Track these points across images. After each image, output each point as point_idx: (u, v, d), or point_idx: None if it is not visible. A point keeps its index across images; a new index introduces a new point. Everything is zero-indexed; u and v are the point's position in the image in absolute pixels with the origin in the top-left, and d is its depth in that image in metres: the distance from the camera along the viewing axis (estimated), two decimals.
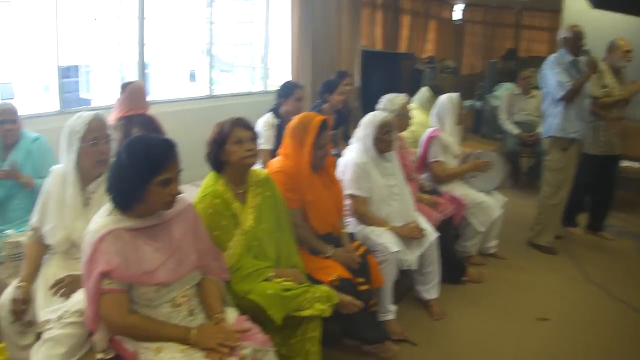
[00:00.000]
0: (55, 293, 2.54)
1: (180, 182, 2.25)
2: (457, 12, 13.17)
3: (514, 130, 6.56)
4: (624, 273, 4.62)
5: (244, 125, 2.71)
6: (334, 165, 3.31)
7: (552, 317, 3.79)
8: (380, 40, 9.98)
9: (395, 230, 3.47)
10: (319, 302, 2.62)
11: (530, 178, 6.71)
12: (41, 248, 2.72)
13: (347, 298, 2.81)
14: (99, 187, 2.67)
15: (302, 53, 6.47)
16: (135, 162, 2.12)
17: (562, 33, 4.66)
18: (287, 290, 2.59)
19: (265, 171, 2.97)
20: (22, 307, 2.53)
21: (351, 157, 3.57)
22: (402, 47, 10.91)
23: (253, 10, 6.99)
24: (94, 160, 2.66)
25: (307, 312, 2.60)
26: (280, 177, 3.05)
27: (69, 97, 15.11)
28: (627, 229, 5.63)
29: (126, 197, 2.15)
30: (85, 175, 2.68)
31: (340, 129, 5.06)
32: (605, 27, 6.07)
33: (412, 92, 5.59)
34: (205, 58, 6.08)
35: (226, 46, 7.22)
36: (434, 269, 3.72)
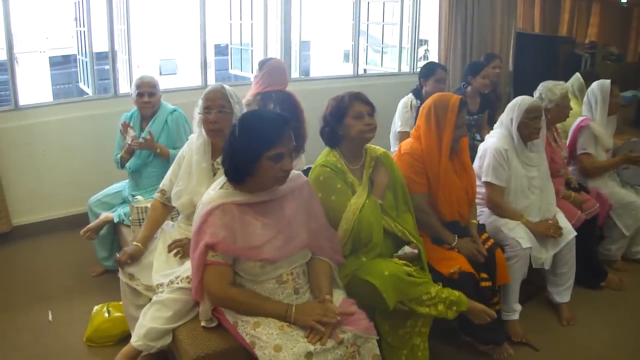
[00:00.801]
0: (170, 251, 2.65)
1: (294, 158, 2.23)
2: None
3: None
4: None
5: (363, 99, 2.67)
6: (467, 151, 3.15)
7: None
8: (539, 23, 9.44)
9: (530, 226, 3.28)
10: (443, 304, 2.53)
11: None
12: (165, 210, 2.85)
13: (479, 307, 2.66)
14: None
15: (451, 34, 6.25)
16: (248, 136, 2.13)
17: None
18: (408, 275, 2.51)
19: (383, 149, 2.87)
20: (126, 260, 2.67)
21: (492, 142, 3.38)
22: (562, 31, 10.26)
23: None
24: (207, 129, 2.70)
25: (426, 310, 2.51)
26: (407, 159, 2.97)
27: (221, 74, 15.85)
28: None
29: (238, 171, 2.16)
30: (216, 146, 2.74)
31: (485, 113, 4.84)
32: None
33: (569, 79, 5.20)
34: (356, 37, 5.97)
35: (376, 25, 7.13)
36: (569, 271, 3.47)
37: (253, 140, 2.11)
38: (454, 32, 6.24)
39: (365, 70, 6.65)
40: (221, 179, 2.29)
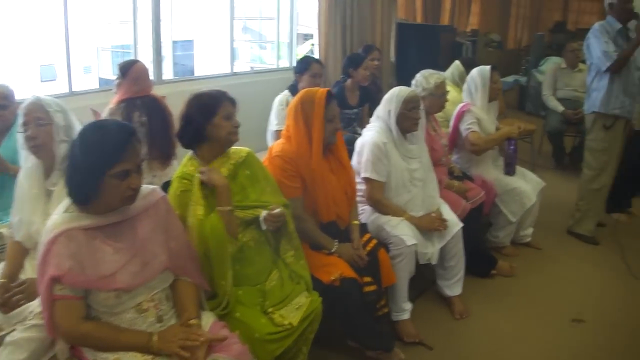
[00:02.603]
0: (5, 302, 2.28)
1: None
2: None
3: (558, 107, 6.09)
4: None
5: (231, 99, 2.48)
6: (344, 147, 2.98)
7: (589, 318, 3.42)
8: (421, 13, 9.54)
9: (413, 221, 3.15)
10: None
11: (574, 159, 6.20)
12: (19, 244, 2.50)
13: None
14: (60, 179, 2.38)
15: (331, 27, 6.10)
16: (88, 152, 1.86)
17: None
18: (276, 333, 2.28)
19: (248, 149, 2.64)
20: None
21: (369, 136, 3.22)
22: (444, 20, 10.44)
23: None
24: (28, 147, 2.41)
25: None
26: (278, 162, 2.76)
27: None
28: None
29: (81, 192, 1.89)
30: (46, 164, 2.44)
31: (365, 106, 4.72)
32: None
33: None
34: (238, 33, 5.69)
35: (267, 21, 6.90)
36: (458, 263, 3.38)
37: (93, 157, 1.85)
38: (334, 24, 6.10)
39: (252, 68, 6.40)
40: (66, 201, 1.99)
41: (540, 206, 4.29)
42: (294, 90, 4.17)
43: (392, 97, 3.24)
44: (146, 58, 4.28)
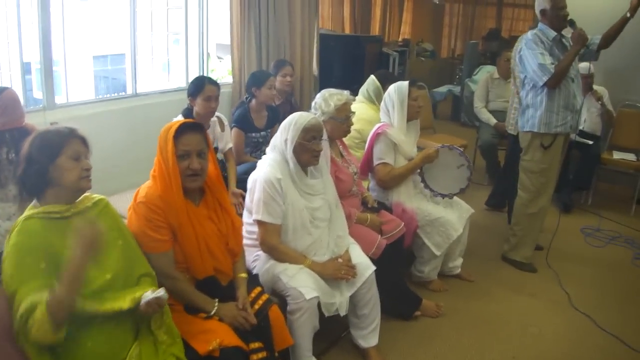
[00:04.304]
0: None
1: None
2: None
3: (491, 119, 5.80)
4: (615, 292, 3.93)
5: (82, 138, 2.04)
6: (223, 187, 2.50)
7: None
8: (349, 23, 9.16)
9: (316, 268, 2.69)
10: None
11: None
12: None
13: None
14: None
15: (244, 39, 5.59)
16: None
17: (539, 4, 3.83)
18: None
19: (101, 196, 2.16)
20: None
21: (262, 171, 2.74)
22: (375, 30, 10.10)
23: None
24: None
25: None
26: (142, 210, 2.25)
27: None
28: (619, 232, 4.96)
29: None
30: None
31: (275, 127, 4.23)
32: None
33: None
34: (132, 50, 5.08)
35: (160, 37, 6.34)
36: (372, 311, 2.93)
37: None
38: (247, 37, 5.59)
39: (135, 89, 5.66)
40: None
41: (472, 229, 3.93)
42: (188, 115, 3.65)
43: (290, 125, 2.76)
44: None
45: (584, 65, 4.78)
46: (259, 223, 2.70)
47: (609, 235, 4.89)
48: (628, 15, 3.76)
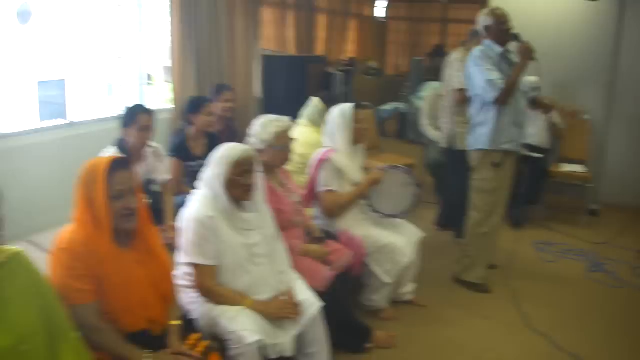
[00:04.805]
0: None
1: None
2: (380, 9, 12.39)
3: (438, 138, 5.69)
4: (572, 309, 3.86)
5: None
6: (153, 230, 2.30)
7: None
8: (294, 44, 9.03)
9: (258, 308, 2.50)
10: None
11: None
12: None
13: None
14: None
15: (185, 64, 5.42)
16: None
17: (482, 21, 3.79)
18: None
19: (18, 249, 1.86)
20: None
21: (192, 210, 2.55)
22: (320, 50, 9.99)
23: (122, 14, 5.80)
24: None
25: None
26: (64, 258, 2.05)
27: None
28: (571, 245, 4.94)
29: None
30: None
31: None
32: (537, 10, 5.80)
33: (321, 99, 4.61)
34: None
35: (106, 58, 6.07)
36: (320, 350, 2.75)
37: None
38: (188, 61, 5.41)
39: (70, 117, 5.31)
40: None
41: (423, 250, 3.77)
42: (121, 146, 3.43)
43: (220, 159, 2.59)
44: None
45: (532, 79, 4.75)
46: (193, 266, 2.51)
47: (561, 249, 4.86)
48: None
